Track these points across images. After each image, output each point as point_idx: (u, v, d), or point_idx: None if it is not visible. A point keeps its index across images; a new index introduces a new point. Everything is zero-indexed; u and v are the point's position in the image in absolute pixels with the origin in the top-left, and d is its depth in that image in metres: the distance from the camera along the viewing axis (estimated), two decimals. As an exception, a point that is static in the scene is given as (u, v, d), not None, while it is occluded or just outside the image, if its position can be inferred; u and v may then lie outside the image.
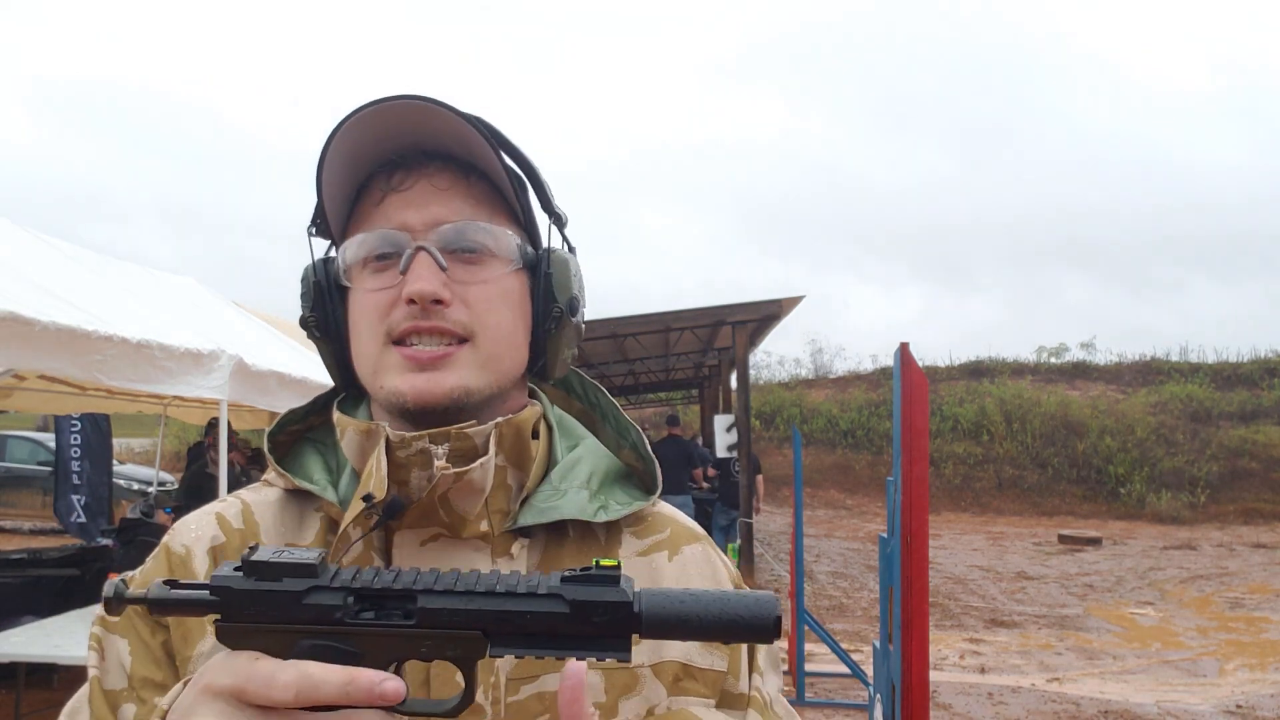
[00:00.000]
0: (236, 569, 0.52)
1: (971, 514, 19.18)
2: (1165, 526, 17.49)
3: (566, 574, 0.53)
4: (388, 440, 0.70)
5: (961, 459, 20.93)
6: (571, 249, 0.82)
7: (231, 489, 5.72)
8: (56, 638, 4.17)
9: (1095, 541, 14.89)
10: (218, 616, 0.52)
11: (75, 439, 8.79)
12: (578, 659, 0.53)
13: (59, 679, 5.42)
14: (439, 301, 0.69)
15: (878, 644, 4.07)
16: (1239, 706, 6.00)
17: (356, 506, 0.68)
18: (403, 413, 0.72)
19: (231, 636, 0.52)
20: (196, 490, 7.08)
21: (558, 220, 0.80)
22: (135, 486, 12.72)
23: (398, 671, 0.53)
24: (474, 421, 0.71)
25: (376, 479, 0.68)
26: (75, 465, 8.78)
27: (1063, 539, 15.27)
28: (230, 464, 5.70)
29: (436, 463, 0.70)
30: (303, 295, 0.78)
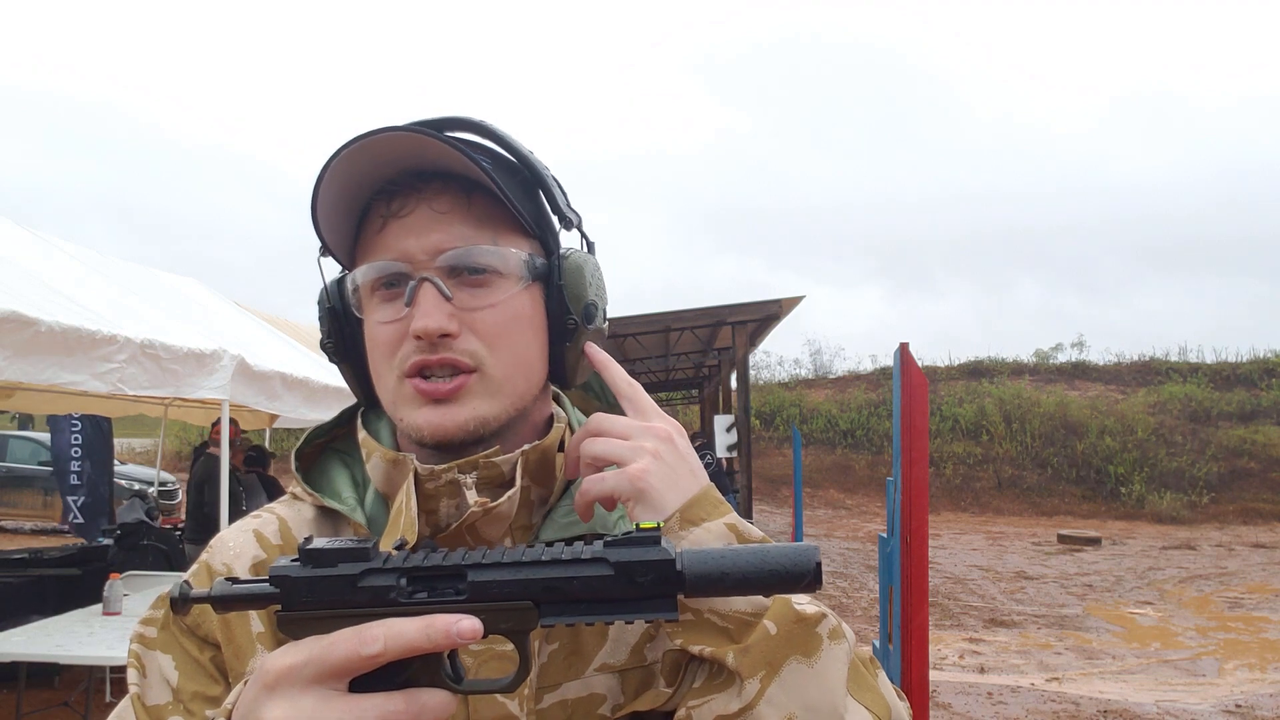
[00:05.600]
0: (294, 560, 0.54)
1: (971, 514, 19.19)
2: (1164, 526, 17.51)
3: (609, 539, 0.54)
4: (416, 474, 0.70)
5: (961, 459, 20.95)
6: (590, 245, 0.81)
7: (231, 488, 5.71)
8: (58, 637, 4.17)
9: (1095, 541, 14.90)
10: (277, 608, 0.54)
11: (75, 439, 8.79)
12: (627, 622, 0.54)
13: (60, 679, 5.43)
14: (446, 334, 0.69)
15: (877, 643, 4.08)
16: (1238, 706, 6.01)
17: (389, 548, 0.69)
18: (422, 445, 0.72)
19: (292, 626, 0.53)
20: (209, 477, 7.06)
21: (568, 224, 0.78)
22: (136, 486, 12.69)
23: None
24: (498, 448, 0.72)
25: (407, 519, 0.69)
26: (75, 465, 8.78)
27: (1062, 539, 15.28)
28: (232, 467, 5.70)
29: (467, 493, 0.70)
30: (320, 319, 0.79)
